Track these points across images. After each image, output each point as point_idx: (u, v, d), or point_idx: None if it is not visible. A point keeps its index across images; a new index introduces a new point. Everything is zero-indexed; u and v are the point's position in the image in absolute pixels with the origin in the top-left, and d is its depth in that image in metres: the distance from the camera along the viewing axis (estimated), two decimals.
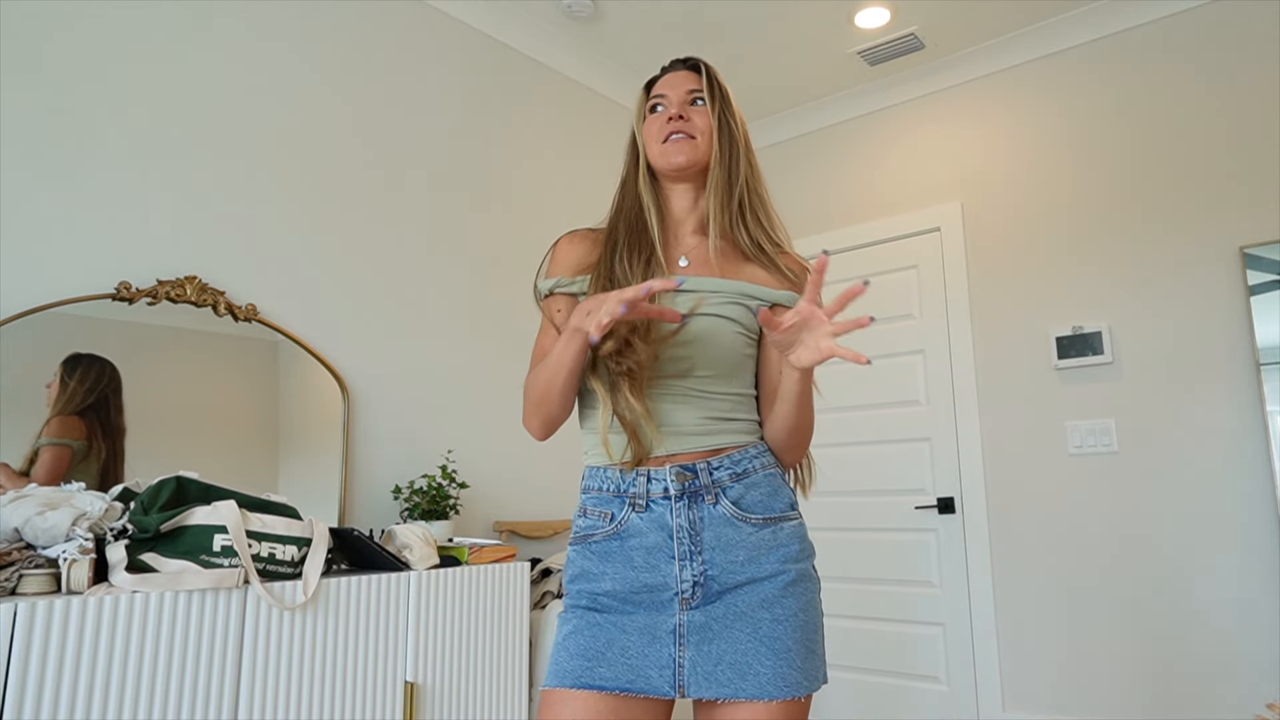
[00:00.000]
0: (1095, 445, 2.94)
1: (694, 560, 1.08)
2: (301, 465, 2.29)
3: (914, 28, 3.20)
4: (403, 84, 2.76)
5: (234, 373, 2.18)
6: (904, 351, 3.46)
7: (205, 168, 2.24)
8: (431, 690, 1.96)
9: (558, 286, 1.22)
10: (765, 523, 1.11)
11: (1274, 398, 2.60)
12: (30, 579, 1.50)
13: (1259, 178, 2.73)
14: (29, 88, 1.94)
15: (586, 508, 1.16)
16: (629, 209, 1.23)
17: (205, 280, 2.18)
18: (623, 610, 1.09)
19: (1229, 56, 2.83)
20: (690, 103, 1.22)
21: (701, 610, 1.07)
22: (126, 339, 2.00)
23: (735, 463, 1.12)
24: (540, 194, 3.18)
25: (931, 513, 3.30)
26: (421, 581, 1.98)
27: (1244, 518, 2.64)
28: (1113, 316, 2.96)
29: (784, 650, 1.06)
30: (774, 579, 1.09)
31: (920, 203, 3.49)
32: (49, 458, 1.82)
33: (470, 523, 2.72)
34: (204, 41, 2.27)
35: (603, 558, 1.11)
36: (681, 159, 1.19)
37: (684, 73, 1.25)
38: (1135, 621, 2.80)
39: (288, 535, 1.75)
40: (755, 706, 1.04)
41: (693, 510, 1.09)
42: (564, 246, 1.25)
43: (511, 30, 3.10)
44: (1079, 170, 3.10)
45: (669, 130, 1.20)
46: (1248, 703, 2.56)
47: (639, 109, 1.27)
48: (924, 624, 3.26)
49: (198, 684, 1.58)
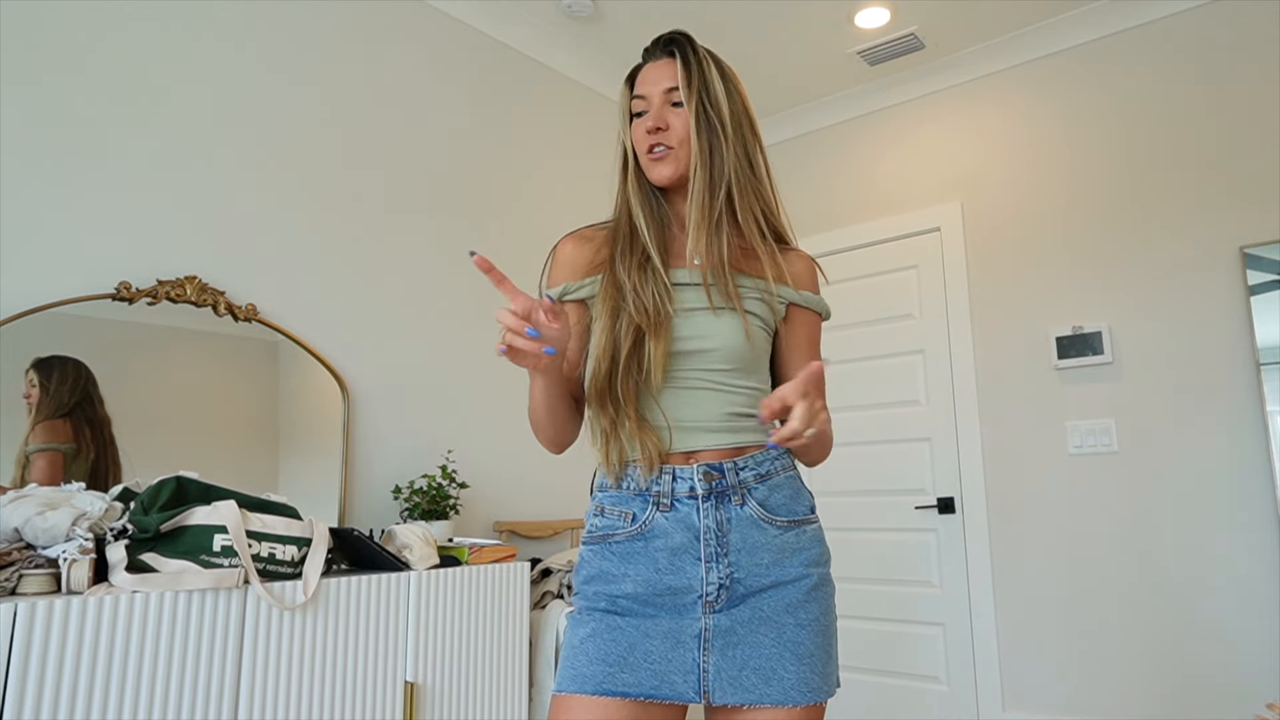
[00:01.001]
0: (1095, 445, 2.94)
1: (720, 562, 1.06)
2: (301, 465, 2.28)
3: (914, 28, 3.20)
4: (403, 84, 2.76)
5: (234, 373, 2.18)
6: (904, 351, 3.46)
7: (205, 168, 2.24)
8: (431, 690, 1.96)
9: (565, 293, 1.18)
10: (790, 525, 1.10)
11: (1274, 398, 2.60)
12: (30, 579, 1.50)
13: (1259, 178, 2.73)
14: (29, 89, 1.94)
15: (604, 506, 1.12)
16: (623, 211, 1.21)
17: (205, 280, 2.18)
18: (644, 613, 1.06)
19: (1228, 56, 2.83)
20: (670, 104, 1.17)
21: (726, 614, 1.06)
22: (126, 339, 2.00)
23: (759, 464, 1.11)
24: (540, 194, 3.18)
25: (931, 513, 3.30)
26: (421, 581, 1.98)
27: (1244, 518, 2.64)
28: (1113, 316, 2.96)
29: (807, 655, 1.05)
30: (798, 583, 1.08)
31: (920, 203, 3.49)
32: (42, 464, 1.81)
33: (470, 523, 2.72)
34: (203, 42, 2.27)
35: (624, 558, 1.08)
36: (665, 174, 1.16)
37: (663, 64, 1.18)
38: (1135, 621, 2.80)
39: (288, 535, 1.75)
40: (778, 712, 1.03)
41: (720, 511, 1.07)
42: (567, 249, 1.21)
43: (511, 30, 3.10)
44: (1079, 170, 3.10)
45: (649, 143, 1.16)
46: (1248, 703, 2.56)
47: (623, 105, 1.22)
48: (924, 624, 3.26)
49: (198, 684, 1.58)
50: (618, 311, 1.12)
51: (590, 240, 1.21)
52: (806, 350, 1.22)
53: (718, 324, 1.13)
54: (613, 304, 1.12)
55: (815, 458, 1.20)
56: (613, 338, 1.11)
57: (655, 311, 1.10)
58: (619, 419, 1.09)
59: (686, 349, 1.11)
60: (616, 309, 1.12)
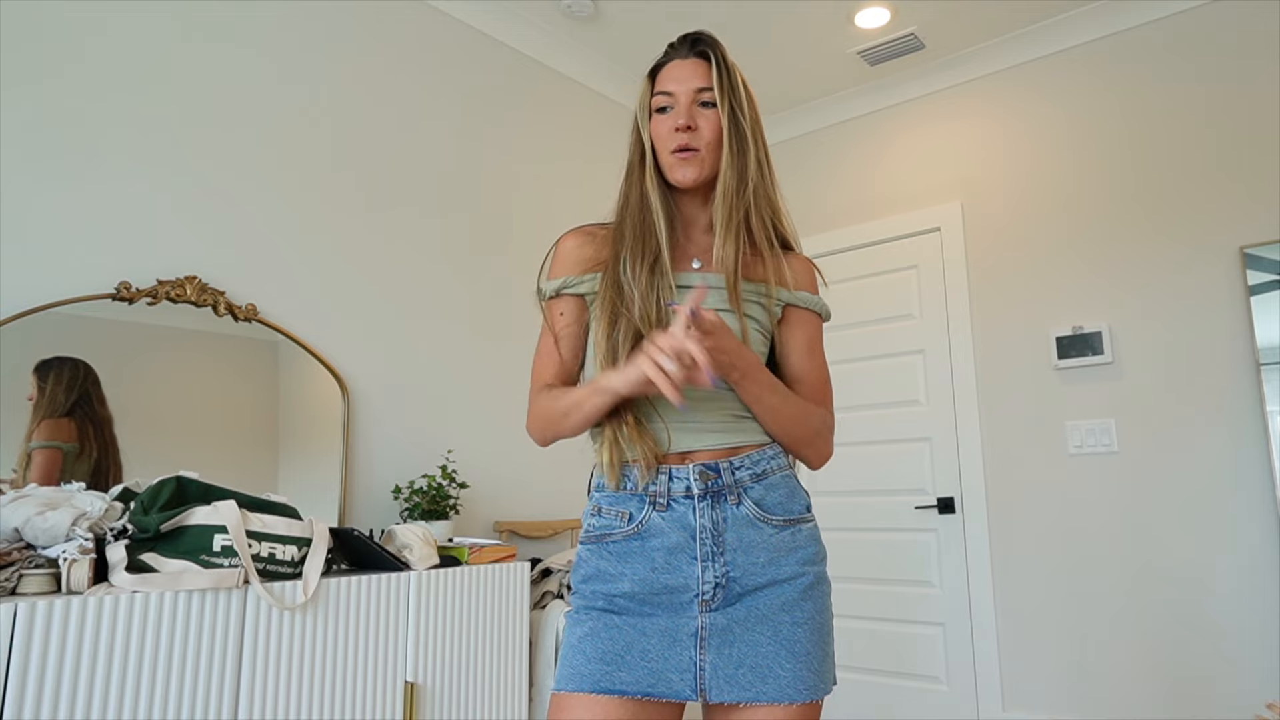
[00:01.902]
0: (1095, 445, 2.94)
1: (716, 561, 1.06)
2: (301, 465, 2.29)
3: (914, 28, 3.20)
4: (402, 84, 2.76)
5: (234, 373, 2.18)
6: (904, 351, 3.46)
7: (205, 168, 2.24)
8: (431, 690, 1.96)
9: (564, 287, 1.17)
10: (785, 524, 1.11)
11: (1274, 398, 2.60)
12: (30, 579, 1.51)
13: (1259, 178, 2.73)
14: (30, 89, 1.94)
15: (601, 506, 1.13)
16: (635, 207, 1.17)
17: (205, 280, 2.18)
18: (641, 612, 1.07)
19: (1229, 56, 2.83)
20: (699, 103, 1.15)
21: (722, 613, 1.06)
22: (126, 339, 2.00)
23: (755, 463, 1.11)
24: (540, 194, 3.18)
25: (931, 513, 3.30)
26: (421, 581, 1.98)
27: (1244, 518, 2.64)
28: (1113, 316, 2.96)
29: (803, 653, 1.06)
30: (794, 581, 1.09)
31: (920, 203, 3.49)
32: (41, 461, 1.82)
33: (470, 523, 2.72)
34: (204, 42, 2.27)
35: (621, 558, 1.09)
36: (691, 176, 1.14)
37: (691, 64, 1.16)
38: (1135, 621, 2.80)
39: (288, 535, 1.75)
40: (774, 709, 1.04)
41: (716, 510, 1.08)
42: (568, 245, 1.20)
43: (511, 30, 3.10)
44: (1079, 170, 3.10)
45: (677, 143, 1.14)
46: (1248, 703, 2.56)
47: (643, 99, 1.19)
48: (924, 624, 3.26)
49: (198, 684, 1.58)
50: (616, 316, 1.11)
51: (594, 237, 1.20)
52: (806, 351, 1.21)
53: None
54: (611, 307, 1.12)
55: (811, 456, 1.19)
56: (611, 343, 1.10)
57: (656, 317, 1.10)
58: (618, 423, 1.09)
59: None
60: (615, 313, 1.11)
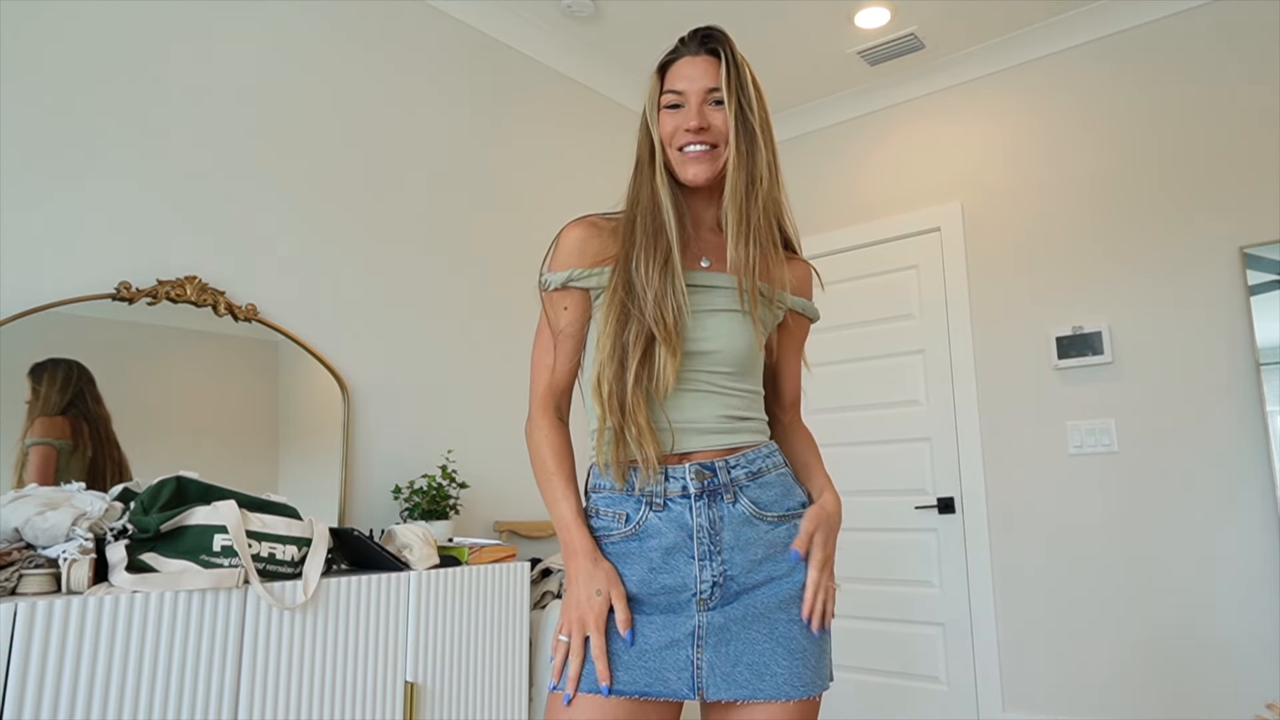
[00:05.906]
0: (1095, 445, 2.94)
1: (713, 560, 1.07)
2: (301, 465, 2.28)
3: (914, 28, 3.20)
4: (403, 84, 2.76)
5: (234, 373, 2.18)
6: (904, 351, 3.46)
7: (205, 168, 2.23)
8: (431, 690, 1.96)
9: (571, 279, 1.14)
10: (780, 520, 1.11)
11: (1274, 398, 2.60)
12: (30, 579, 1.50)
13: (1259, 178, 2.73)
14: (30, 89, 1.94)
15: (599, 508, 1.13)
16: (645, 204, 1.15)
17: (205, 280, 2.18)
18: (639, 612, 1.07)
19: (1228, 56, 2.83)
20: (709, 102, 1.14)
21: (720, 611, 1.07)
22: (126, 339, 1.99)
23: (750, 461, 1.12)
24: (540, 194, 3.18)
25: (931, 513, 3.30)
26: (421, 581, 1.98)
27: (1244, 518, 2.64)
28: (1113, 316, 2.96)
29: (800, 650, 1.06)
30: (790, 578, 1.09)
31: (920, 203, 3.49)
32: (36, 458, 1.82)
33: (470, 523, 2.72)
34: (203, 42, 2.27)
35: (619, 559, 1.09)
36: (701, 174, 1.13)
37: (703, 62, 1.15)
38: (1135, 621, 2.80)
39: (288, 535, 1.75)
40: (772, 707, 1.04)
41: (712, 509, 1.08)
42: (574, 235, 1.16)
43: (511, 30, 3.10)
44: (1079, 169, 3.10)
45: (687, 141, 1.13)
46: (1248, 703, 2.56)
47: (652, 95, 1.18)
48: (924, 624, 3.26)
49: (198, 684, 1.58)
50: (626, 316, 1.09)
51: (600, 229, 1.17)
52: (796, 353, 1.27)
53: (725, 327, 1.13)
54: (621, 306, 1.10)
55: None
56: (620, 343, 1.09)
57: (673, 322, 1.08)
58: (625, 423, 1.08)
59: (690, 350, 1.11)
60: (625, 313, 1.09)
